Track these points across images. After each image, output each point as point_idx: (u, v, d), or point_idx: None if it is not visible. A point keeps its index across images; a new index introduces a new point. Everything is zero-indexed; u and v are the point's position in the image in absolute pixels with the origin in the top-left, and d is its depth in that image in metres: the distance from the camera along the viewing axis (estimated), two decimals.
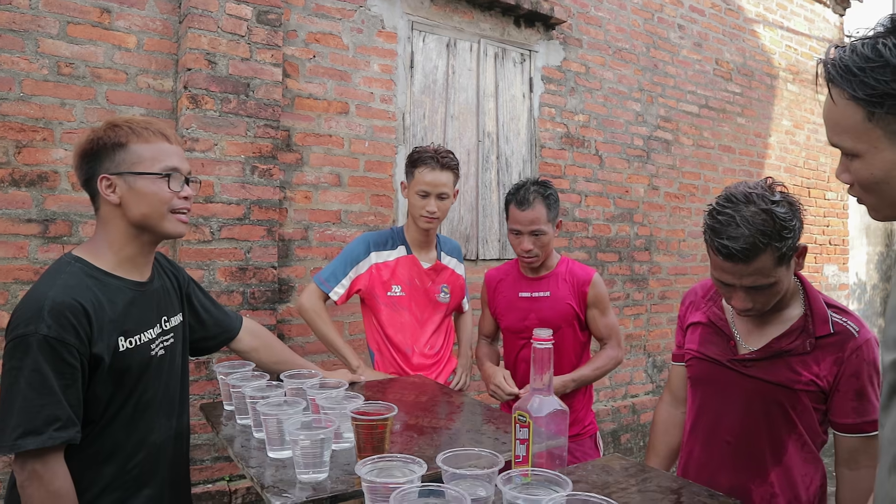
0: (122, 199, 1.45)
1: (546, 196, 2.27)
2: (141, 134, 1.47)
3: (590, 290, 2.34)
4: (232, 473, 2.85)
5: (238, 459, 1.56)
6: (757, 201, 1.42)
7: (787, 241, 1.41)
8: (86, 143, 1.46)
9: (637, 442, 4.59)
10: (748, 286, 1.46)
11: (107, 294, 1.43)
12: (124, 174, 1.45)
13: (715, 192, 5.23)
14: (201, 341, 1.84)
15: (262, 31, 2.93)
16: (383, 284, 2.42)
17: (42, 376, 1.28)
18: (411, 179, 2.39)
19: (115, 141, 1.45)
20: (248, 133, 2.89)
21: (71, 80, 2.64)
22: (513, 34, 3.99)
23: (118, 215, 1.47)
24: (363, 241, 2.44)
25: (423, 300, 2.47)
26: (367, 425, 1.45)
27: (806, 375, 1.52)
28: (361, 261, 2.41)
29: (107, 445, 1.45)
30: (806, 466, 1.60)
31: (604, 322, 2.38)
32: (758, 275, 1.43)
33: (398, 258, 2.45)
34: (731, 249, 1.40)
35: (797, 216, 1.45)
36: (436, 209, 2.35)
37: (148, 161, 1.46)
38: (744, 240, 1.39)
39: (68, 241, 2.62)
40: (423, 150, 2.39)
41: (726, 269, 1.46)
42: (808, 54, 6.11)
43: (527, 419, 1.11)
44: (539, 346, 1.16)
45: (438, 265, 2.52)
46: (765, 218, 1.40)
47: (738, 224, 1.40)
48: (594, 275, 2.37)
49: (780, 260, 1.43)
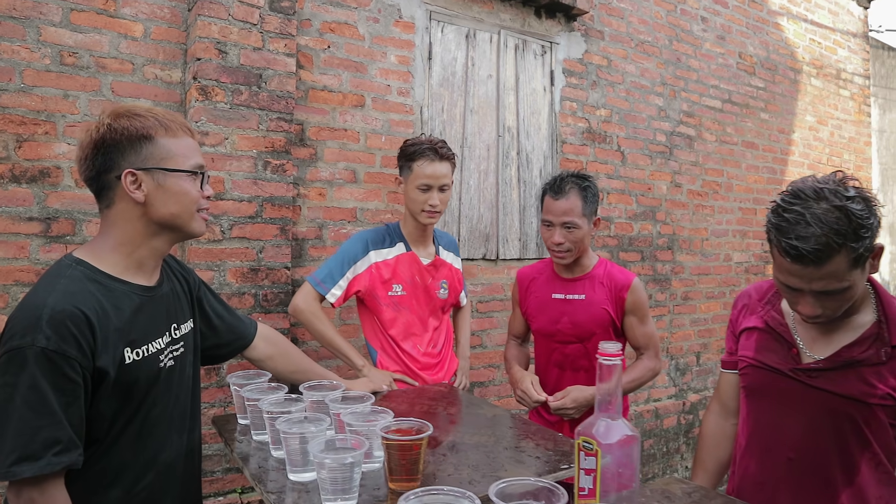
0: (149, 196, 1.33)
1: (583, 188, 2.14)
2: (169, 127, 1.35)
3: (628, 295, 2.19)
4: (244, 486, 2.71)
5: (255, 482, 1.42)
6: (829, 197, 1.27)
7: (864, 242, 1.26)
8: (105, 132, 1.31)
9: (661, 448, 4.43)
10: (818, 291, 1.31)
11: (112, 300, 1.29)
12: (152, 170, 1.32)
13: (738, 190, 5.07)
14: (213, 349, 1.69)
15: (275, 20, 2.79)
16: (384, 284, 2.31)
17: (40, 394, 1.14)
18: (409, 174, 2.27)
19: (143, 133, 1.32)
20: (260, 126, 2.74)
21: (74, 70, 2.50)
22: (533, 25, 3.83)
23: (139, 214, 1.34)
24: (360, 239, 2.32)
25: (425, 298, 2.37)
26: (401, 446, 1.31)
27: (882, 388, 1.38)
28: (360, 260, 2.28)
29: (112, 466, 1.31)
30: (881, 488, 1.45)
31: (642, 331, 2.24)
32: (830, 278, 1.28)
33: (398, 256, 2.34)
34: (802, 250, 1.26)
35: (874, 213, 1.30)
36: (438, 202, 2.25)
37: (179, 157, 1.35)
38: (815, 240, 1.25)
39: (72, 240, 2.48)
40: (417, 143, 2.27)
41: (794, 272, 1.31)
42: (832, 48, 5.93)
43: (594, 447, 0.96)
44: (605, 361, 1.01)
45: (438, 260, 2.42)
46: (839, 216, 1.25)
47: (809, 222, 1.26)
48: (634, 280, 2.21)
49: (856, 262, 1.28)
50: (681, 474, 4.55)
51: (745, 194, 5.14)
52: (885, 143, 6.73)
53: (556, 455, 1.55)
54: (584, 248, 2.21)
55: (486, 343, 3.64)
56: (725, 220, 5.01)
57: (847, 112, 6.07)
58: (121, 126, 1.31)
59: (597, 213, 2.20)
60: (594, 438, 0.97)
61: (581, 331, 2.18)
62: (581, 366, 2.21)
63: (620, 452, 0.97)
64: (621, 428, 0.99)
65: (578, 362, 2.22)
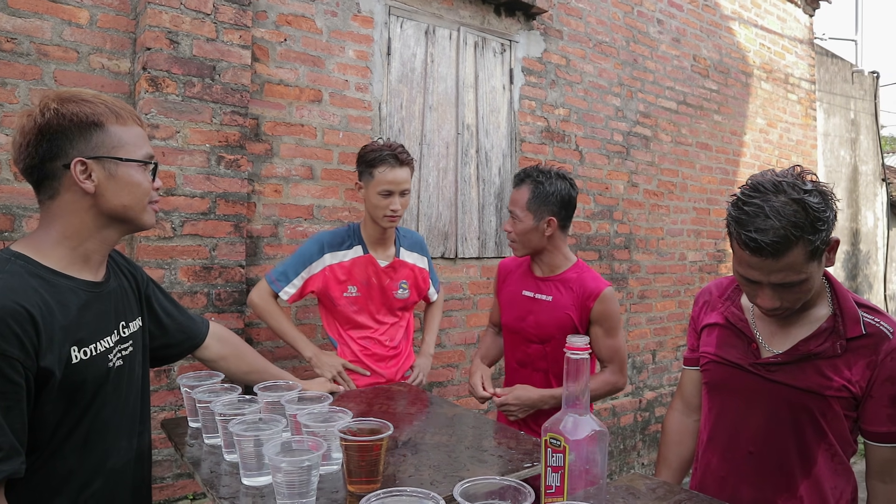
0: (99, 187, 1.25)
1: (537, 183, 2.13)
2: (119, 114, 1.28)
3: (595, 305, 2.12)
4: (195, 491, 2.61)
5: (207, 487, 1.35)
6: (788, 190, 1.29)
7: (820, 234, 1.28)
8: (52, 117, 1.22)
9: (618, 445, 4.48)
10: (777, 283, 1.33)
11: (56, 297, 1.20)
12: (103, 159, 1.25)
13: (693, 190, 5.17)
14: (163, 349, 1.61)
15: (230, 10, 2.70)
16: (339, 285, 2.37)
17: None
18: (370, 180, 2.30)
19: (93, 120, 1.24)
20: (213, 120, 2.65)
21: (13, 57, 2.36)
22: (493, 23, 3.82)
23: (87, 205, 1.26)
24: (317, 241, 2.38)
25: (381, 298, 2.42)
26: (361, 447, 1.27)
27: (837, 380, 1.41)
28: (315, 262, 2.36)
29: (58, 473, 1.23)
30: (836, 478, 1.48)
31: (607, 343, 2.15)
32: (788, 270, 1.30)
33: (354, 258, 2.38)
34: (761, 242, 1.27)
35: (830, 207, 1.32)
36: (399, 207, 2.29)
37: (130, 146, 1.29)
38: (774, 232, 1.26)
39: (10, 237, 2.35)
40: (377, 149, 2.29)
41: (753, 265, 1.33)
42: (780, 53, 6.10)
43: (561, 443, 0.94)
44: (572, 355, 0.98)
45: (396, 262, 2.45)
46: (797, 209, 1.27)
47: (768, 215, 1.27)
48: (604, 290, 2.13)
49: (813, 255, 1.30)
50: (637, 471, 4.61)
51: (700, 194, 5.24)
52: (829, 147, 6.96)
53: (519, 454, 1.53)
54: (536, 245, 2.17)
55: (444, 342, 3.60)
56: (680, 220, 5.09)
57: (795, 115, 6.25)
58: (69, 111, 1.23)
59: (555, 213, 2.14)
60: (562, 435, 0.95)
61: (542, 332, 2.16)
62: (540, 367, 2.20)
63: (588, 449, 0.94)
64: (589, 423, 0.97)
65: (538, 363, 2.20)
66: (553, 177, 2.14)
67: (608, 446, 0.99)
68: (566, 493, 0.94)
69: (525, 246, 2.18)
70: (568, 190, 2.15)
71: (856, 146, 7.40)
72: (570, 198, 2.16)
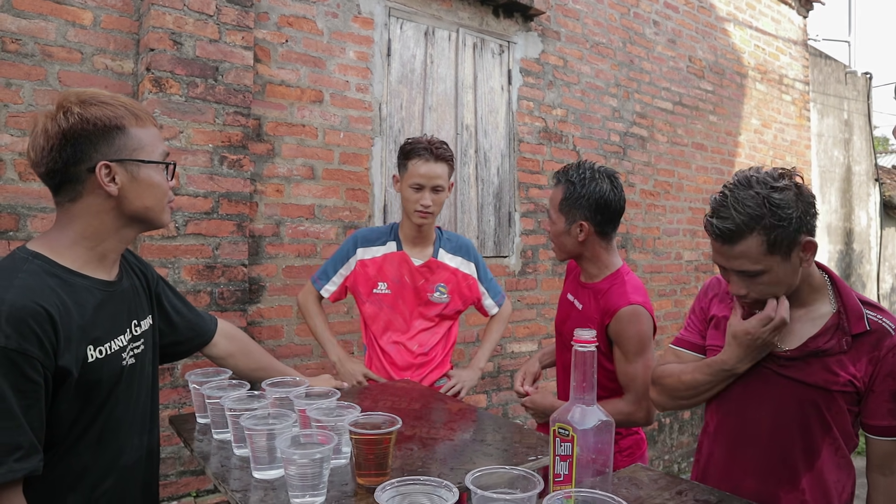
0: (122, 189, 1.26)
1: (570, 181, 1.95)
2: (139, 116, 1.29)
3: (612, 323, 1.89)
4: (199, 489, 2.63)
5: (218, 481, 1.38)
6: (755, 185, 1.39)
7: (778, 230, 1.36)
8: (76, 121, 1.22)
9: None
10: (737, 270, 1.44)
11: (73, 296, 1.22)
12: (126, 161, 1.26)
13: (688, 190, 5.21)
14: (172, 346, 1.63)
15: (232, 11, 2.72)
16: (368, 281, 2.33)
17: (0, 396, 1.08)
18: (404, 172, 2.27)
19: (115, 123, 1.25)
20: (216, 120, 2.67)
21: (18, 58, 2.38)
22: (491, 24, 3.85)
23: (109, 207, 1.27)
24: (352, 237, 2.39)
25: (413, 298, 2.34)
26: (370, 441, 1.29)
27: (843, 376, 1.45)
28: (350, 258, 2.36)
29: (72, 470, 1.25)
30: (839, 472, 1.51)
31: (624, 369, 1.92)
32: (743, 259, 1.41)
33: (386, 254, 2.34)
34: (716, 228, 1.41)
35: (801, 207, 1.39)
36: (430, 202, 2.23)
37: (149, 147, 1.30)
38: (731, 220, 1.38)
39: (15, 236, 2.37)
40: (415, 142, 2.27)
41: (716, 249, 1.47)
42: (774, 55, 6.15)
43: (569, 433, 0.97)
44: (580, 348, 1.01)
45: (433, 262, 2.37)
46: (758, 202, 1.37)
47: (731, 205, 1.39)
48: (623, 309, 1.87)
49: (772, 248, 1.38)
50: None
51: (695, 194, 5.29)
52: (822, 147, 7.01)
53: (524, 447, 1.56)
54: (571, 250, 2.01)
55: None
56: (676, 220, 5.13)
57: (789, 116, 6.31)
58: (92, 115, 1.23)
59: (588, 218, 1.93)
60: (569, 424, 0.98)
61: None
62: None
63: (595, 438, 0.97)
64: (596, 413, 1.00)
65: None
66: (590, 177, 1.92)
67: (613, 436, 1.02)
68: (574, 481, 0.97)
69: (560, 249, 2.03)
70: (607, 192, 1.90)
71: (849, 146, 7.46)
72: (607, 201, 1.91)
